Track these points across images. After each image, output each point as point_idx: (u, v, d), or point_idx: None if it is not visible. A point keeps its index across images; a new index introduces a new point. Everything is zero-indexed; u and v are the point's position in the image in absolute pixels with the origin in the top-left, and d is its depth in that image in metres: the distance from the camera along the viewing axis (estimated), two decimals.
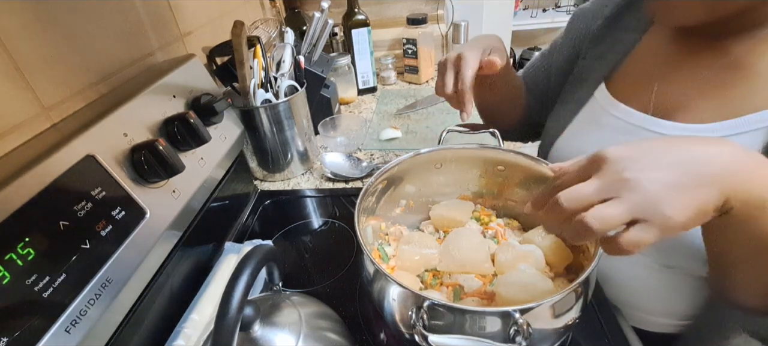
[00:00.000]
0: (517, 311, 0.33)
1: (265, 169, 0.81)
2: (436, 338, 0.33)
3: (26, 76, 0.43)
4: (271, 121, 0.73)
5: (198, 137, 0.51)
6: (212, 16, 0.82)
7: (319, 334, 0.38)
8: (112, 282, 0.39)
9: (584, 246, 0.46)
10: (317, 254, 0.64)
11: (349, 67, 1.12)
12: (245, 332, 0.33)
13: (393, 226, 0.58)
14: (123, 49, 0.58)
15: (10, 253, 0.31)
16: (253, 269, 0.31)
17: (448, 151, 0.57)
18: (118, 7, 0.57)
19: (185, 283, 0.55)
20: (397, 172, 0.55)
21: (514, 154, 0.53)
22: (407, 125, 0.99)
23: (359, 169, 0.81)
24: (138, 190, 0.44)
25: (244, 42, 0.63)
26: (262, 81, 0.73)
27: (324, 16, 0.89)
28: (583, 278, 0.35)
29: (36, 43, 0.45)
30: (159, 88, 0.53)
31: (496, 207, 0.60)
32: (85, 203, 0.38)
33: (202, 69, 0.64)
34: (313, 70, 0.90)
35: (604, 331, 0.47)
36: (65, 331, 0.34)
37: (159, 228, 0.46)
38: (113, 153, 0.43)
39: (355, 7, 1.10)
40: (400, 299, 0.38)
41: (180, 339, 0.46)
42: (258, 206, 0.76)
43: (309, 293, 0.55)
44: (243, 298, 0.29)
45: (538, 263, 0.47)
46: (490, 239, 0.53)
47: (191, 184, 0.53)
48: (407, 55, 1.21)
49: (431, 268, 0.51)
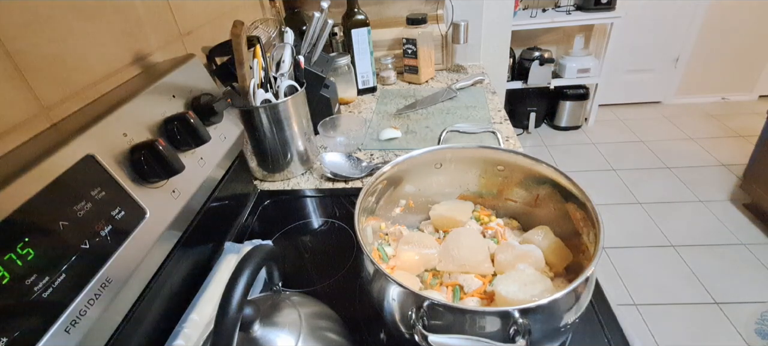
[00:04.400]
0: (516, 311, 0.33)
1: (264, 169, 0.80)
2: (436, 338, 0.33)
3: (26, 76, 0.43)
4: (271, 121, 0.73)
5: (198, 137, 0.51)
6: (212, 16, 0.82)
7: (318, 334, 0.38)
8: (112, 282, 0.39)
9: (584, 246, 0.46)
10: (317, 254, 0.64)
11: (349, 67, 1.11)
12: (245, 332, 0.33)
13: (393, 226, 0.58)
14: (123, 49, 0.58)
15: (9, 253, 0.31)
16: (252, 269, 0.31)
17: (448, 151, 0.57)
18: (118, 7, 0.57)
19: (185, 283, 0.54)
20: (397, 172, 0.55)
21: (514, 154, 0.53)
22: (407, 125, 0.99)
23: (359, 169, 0.81)
24: (138, 190, 0.44)
25: (243, 42, 0.63)
26: (261, 81, 0.73)
27: (324, 16, 0.89)
28: (583, 278, 0.35)
29: (36, 43, 0.44)
30: (159, 88, 0.53)
31: (495, 207, 0.60)
32: (84, 203, 0.38)
33: (201, 69, 0.64)
34: (312, 70, 0.90)
35: (604, 331, 0.47)
36: (65, 331, 0.34)
37: (159, 228, 0.46)
38: (113, 153, 0.43)
39: (354, 7, 1.10)
40: (399, 298, 0.38)
41: (180, 339, 0.46)
42: (258, 205, 0.76)
43: (309, 293, 0.55)
44: (243, 298, 0.29)
45: (537, 262, 0.48)
46: (490, 239, 0.53)
47: (191, 184, 0.53)
48: (407, 55, 1.21)
49: (431, 268, 0.51)
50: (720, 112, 2.81)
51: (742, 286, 1.57)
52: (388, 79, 1.26)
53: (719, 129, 2.62)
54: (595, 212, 0.42)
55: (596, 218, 0.41)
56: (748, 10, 2.57)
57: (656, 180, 2.21)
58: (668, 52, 2.77)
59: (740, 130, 2.58)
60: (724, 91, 2.94)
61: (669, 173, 2.26)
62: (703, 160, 2.34)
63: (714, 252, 1.73)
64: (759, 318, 1.44)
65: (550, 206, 0.52)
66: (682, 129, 2.66)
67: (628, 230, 1.89)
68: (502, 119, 0.97)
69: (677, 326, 1.46)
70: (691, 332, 1.44)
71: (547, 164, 0.51)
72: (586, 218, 0.45)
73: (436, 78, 1.29)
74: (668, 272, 1.67)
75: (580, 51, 2.53)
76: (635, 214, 1.99)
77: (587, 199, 0.44)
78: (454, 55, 1.33)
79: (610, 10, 2.36)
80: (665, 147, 2.49)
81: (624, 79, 2.89)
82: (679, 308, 1.52)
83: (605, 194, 2.15)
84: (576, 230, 0.48)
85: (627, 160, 2.41)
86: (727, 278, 1.61)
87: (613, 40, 2.42)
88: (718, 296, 1.54)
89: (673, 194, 2.09)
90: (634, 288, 1.61)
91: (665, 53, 2.78)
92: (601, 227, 0.40)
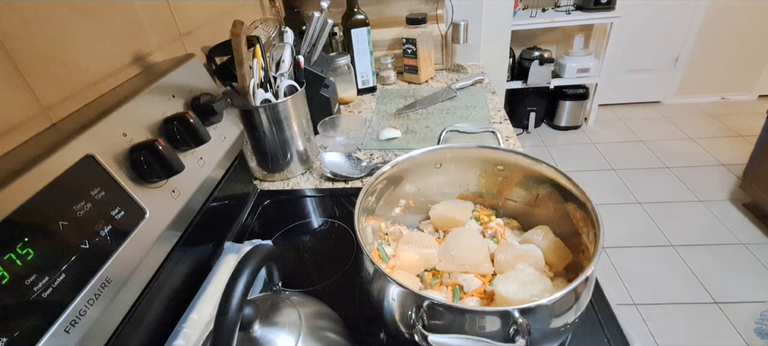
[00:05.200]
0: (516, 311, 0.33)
1: (264, 169, 0.80)
2: (436, 338, 0.33)
3: (25, 75, 0.43)
4: (271, 121, 0.73)
5: (197, 137, 0.51)
6: (211, 15, 0.82)
7: (318, 334, 0.38)
8: (112, 282, 0.39)
9: (584, 246, 0.46)
10: (317, 254, 0.64)
11: (349, 67, 1.11)
12: (245, 331, 0.33)
13: (393, 226, 0.58)
14: (122, 49, 0.58)
15: (9, 253, 0.31)
16: (252, 269, 0.31)
17: (448, 151, 0.57)
18: (118, 7, 0.57)
19: (185, 283, 0.54)
20: (397, 172, 0.55)
21: (513, 154, 0.53)
22: (407, 125, 0.99)
23: (359, 169, 0.81)
24: (137, 190, 0.44)
25: (243, 42, 0.63)
26: (261, 81, 0.73)
27: (323, 16, 0.89)
28: (583, 278, 0.35)
29: (35, 42, 0.44)
30: (158, 88, 0.53)
31: (495, 207, 0.60)
32: (84, 202, 0.38)
33: (201, 69, 0.64)
34: (312, 70, 0.90)
35: (603, 331, 0.47)
36: (65, 331, 0.34)
37: (158, 228, 0.46)
38: (113, 153, 0.43)
39: (354, 6, 1.10)
40: (399, 298, 0.38)
41: (180, 339, 0.46)
42: (257, 205, 0.76)
43: (309, 293, 0.55)
44: (243, 298, 0.29)
45: (537, 262, 0.48)
46: (490, 239, 0.53)
47: (191, 184, 0.53)
48: (407, 55, 1.21)
49: (431, 268, 0.51)
50: (720, 112, 2.81)
51: (742, 286, 1.57)
52: (387, 79, 1.26)
53: (719, 129, 2.62)
54: (595, 212, 0.42)
55: (596, 218, 0.41)
56: (748, 10, 2.57)
57: (656, 180, 2.21)
58: (668, 52, 2.77)
59: (740, 130, 2.58)
60: (723, 91, 2.95)
61: (669, 172, 2.26)
62: (702, 160, 2.34)
63: (714, 252, 1.73)
64: (759, 318, 1.44)
65: (550, 206, 0.52)
66: (681, 129, 2.66)
67: (627, 229, 1.89)
68: (501, 119, 0.98)
69: (677, 326, 1.46)
70: (690, 331, 1.44)
71: (546, 164, 0.51)
72: (585, 217, 0.45)
73: (435, 78, 1.29)
74: (668, 271, 1.67)
75: (580, 51, 2.54)
76: (635, 214, 1.99)
77: (587, 199, 0.44)
78: (453, 55, 1.33)
79: (610, 10, 2.36)
80: (665, 147, 2.49)
81: (624, 79, 2.89)
82: (678, 308, 1.52)
83: (605, 193, 2.15)
84: (576, 229, 0.48)
85: (627, 160, 2.41)
86: (726, 277, 1.61)
87: (612, 40, 2.42)
88: (718, 296, 1.54)
89: (673, 193, 2.09)
90: (634, 288, 1.61)
91: (665, 53, 2.78)
92: (601, 226, 0.40)
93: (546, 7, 2.55)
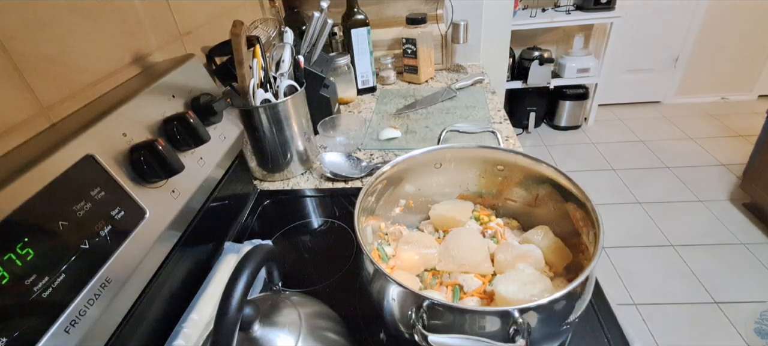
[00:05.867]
0: (516, 311, 0.33)
1: (264, 169, 0.80)
2: (436, 338, 0.33)
3: (25, 75, 0.43)
4: (271, 121, 0.73)
5: (197, 137, 0.51)
6: (211, 15, 0.82)
7: (318, 334, 0.38)
8: (112, 282, 0.39)
9: (584, 246, 0.46)
10: (317, 254, 0.64)
11: (349, 67, 1.11)
12: (245, 332, 0.33)
13: (393, 226, 0.58)
14: (122, 49, 0.58)
15: (9, 253, 0.31)
16: (252, 269, 0.31)
17: (448, 151, 0.57)
18: (118, 7, 0.57)
19: (185, 283, 0.54)
20: (397, 172, 0.55)
21: (513, 154, 0.53)
22: (407, 125, 0.99)
23: (359, 169, 0.81)
24: (137, 190, 0.44)
25: (243, 42, 0.63)
26: (261, 81, 0.73)
27: (323, 16, 0.89)
28: (583, 277, 0.35)
29: (36, 43, 0.44)
30: (158, 88, 0.53)
31: (495, 207, 0.60)
32: (84, 203, 0.38)
33: (201, 69, 0.64)
34: (312, 70, 0.90)
35: (603, 331, 0.47)
36: (64, 331, 0.34)
37: (158, 228, 0.46)
38: (112, 153, 0.43)
39: (354, 6, 1.10)
40: (399, 298, 0.38)
41: (180, 339, 0.46)
42: (257, 205, 0.76)
43: (308, 293, 0.55)
44: (243, 298, 0.29)
45: (537, 262, 0.48)
46: (490, 239, 0.53)
47: (191, 184, 0.53)
48: (407, 55, 1.21)
49: (431, 268, 0.51)
50: (720, 112, 2.81)
51: (742, 286, 1.57)
52: (387, 78, 1.26)
53: (719, 129, 2.62)
54: (595, 212, 0.42)
55: (596, 218, 0.41)
56: (748, 10, 2.57)
57: (656, 180, 2.21)
58: (668, 51, 2.77)
59: (740, 130, 2.58)
60: (723, 90, 2.95)
61: (669, 172, 2.26)
62: (702, 160, 2.34)
63: (713, 252, 1.73)
64: (758, 318, 1.44)
65: (550, 206, 0.52)
66: (681, 129, 2.66)
67: (627, 229, 1.89)
68: (501, 119, 0.98)
69: (677, 326, 1.46)
70: (690, 331, 1.44)
71: (546, 164, 0.51)
72: (585, 217, 0.45)
73: (435, 78, 1.29)
74: (668, 271, 1.67)
75: (580, 51, 2.54)
76: (635, 214, 1.99)
77: (587, 198, 0.44)
78: (453, 54, 1.33)
79: (610, 10, 2.36)
80: (665, 147, 2.49)
81: (624, 79, 2.89)
82: (678, 308, 1.52)
83: (605, 193, 2.15)
84: (576, 229, 0.48)
85: (627, 160, 2.41)
86: (726, 277, 1.61)
87: (612, 40, 2.42)
88: (718, 296, 1.54)
89: (673, 193, 2.09)
90: (634, 288, 1.61)
91: (665, 53, 2.78)
92: (601, 226, 0.40)
93: (546, 7, 2.55)
